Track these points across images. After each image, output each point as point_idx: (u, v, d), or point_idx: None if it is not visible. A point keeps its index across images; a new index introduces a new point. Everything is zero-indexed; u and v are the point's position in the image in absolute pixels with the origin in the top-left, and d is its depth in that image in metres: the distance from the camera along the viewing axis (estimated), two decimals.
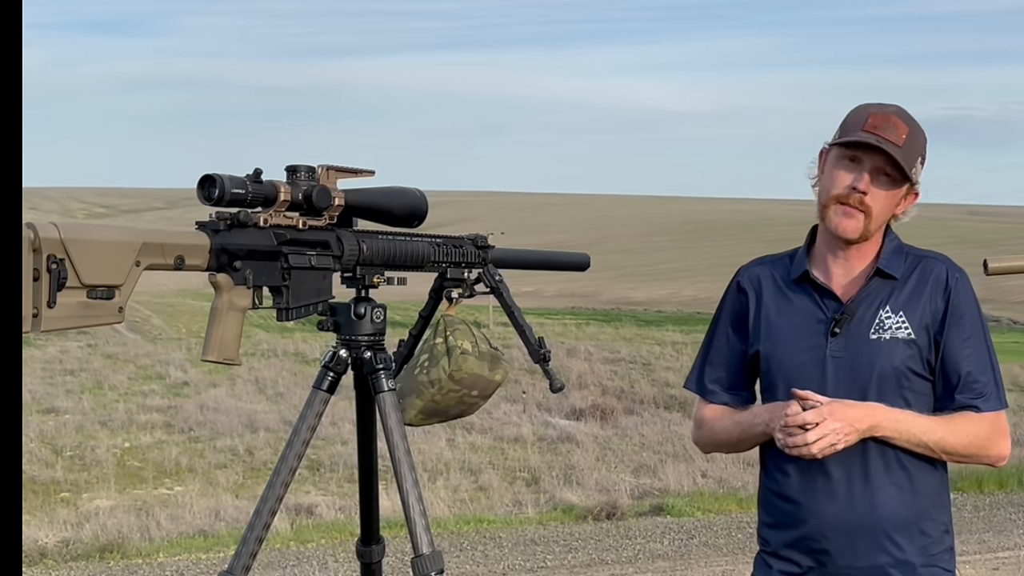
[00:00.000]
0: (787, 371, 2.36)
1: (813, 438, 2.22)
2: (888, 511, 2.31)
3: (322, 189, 2.33)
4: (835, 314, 2.36)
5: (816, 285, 2.40)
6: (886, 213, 2.34)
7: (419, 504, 2.37)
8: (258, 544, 2.39)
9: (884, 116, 2.32)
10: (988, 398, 2.33)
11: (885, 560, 2.32)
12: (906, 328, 2.32)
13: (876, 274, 2.37)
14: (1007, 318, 61.12)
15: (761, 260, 2.54)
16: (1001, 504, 9.63)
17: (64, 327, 1.93)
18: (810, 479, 2.33)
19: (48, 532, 9.06)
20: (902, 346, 2.32)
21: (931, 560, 2.35)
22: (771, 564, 2.44)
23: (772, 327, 2.42)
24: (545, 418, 19.77)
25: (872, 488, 2.31)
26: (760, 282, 2.47)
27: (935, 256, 2.42)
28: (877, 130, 2.30)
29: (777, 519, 2.43)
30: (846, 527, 2.32)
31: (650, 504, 9.94)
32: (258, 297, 2.27)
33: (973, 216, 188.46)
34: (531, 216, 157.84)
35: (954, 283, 2.36)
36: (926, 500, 2.35)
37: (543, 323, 47.49)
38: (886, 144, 2.28)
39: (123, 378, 25.00)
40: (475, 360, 2.56)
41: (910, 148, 2.31)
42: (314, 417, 2.44)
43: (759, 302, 2.45)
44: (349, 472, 13.76)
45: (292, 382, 23.93)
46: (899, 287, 2.36)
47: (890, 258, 2.38)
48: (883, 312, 2.34)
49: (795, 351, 2.37)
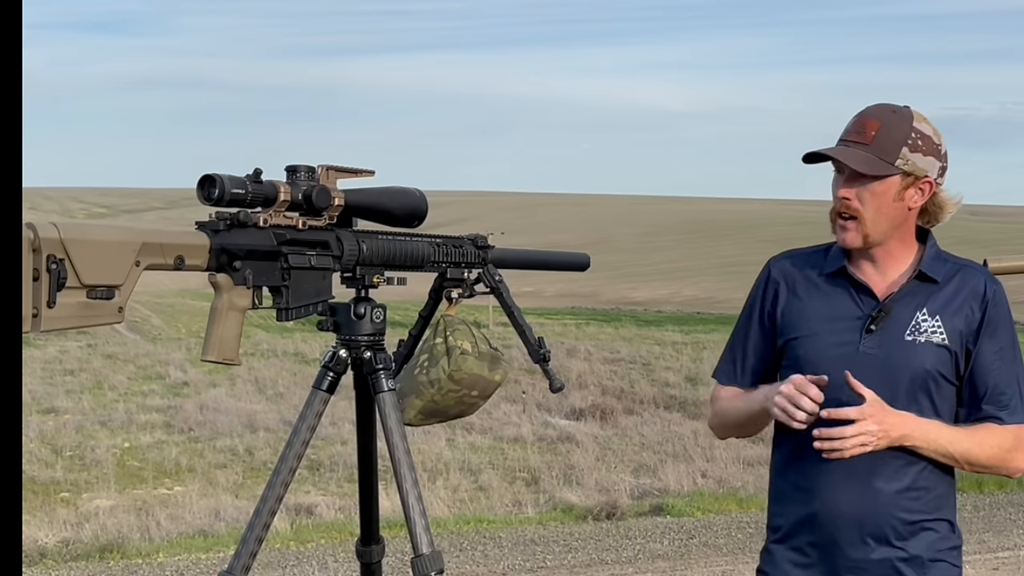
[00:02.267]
0: (816, 364, 2.35)
1: (851, 433, 2.22)
2: (901, 509, 2.32)
3: (322, 189, 2.33)
4: (872, 311, 2.36)
5: (854, 281, 2.39)
6: (884, 213, 2.33)
7: (419, 504, 2.37)
8: (258, 544, 2.39)
9: (858, 120, 2.35)
10: (1013, 411, 2.35)
11: (894, 555, 2.33)
12: (941, 333, 2.33)
13: (917, 276, 2.37)
14: None
15: (792, 253, 2.54)
16: (1001, 504, 9.63)
17: (64, 327, 1.93)
18: (826, 472, 2.33)
19: (48, 532, 9.05)
20: (935, 350, 2.32)
21: (938, 555, 2.36)
22: (777, 553, 2.45)
23: (804, 319, 2.41)
24: (545, 418, 19.76)
25: (888, 484, 2.32)
26: (792, 274, 2.47)
27: (974, 266, 2.43)
28: (846, 135, 2.34)
29: (789, 510, 2.43)
30: (858, 521, 2.33)
31: (650, 504, 9.93)
32: (258, 297, 2.28)
33: (973, 216, 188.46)
34: (531, 216, 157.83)
35: (991, 295, 2.37)
36: (936, 498, 2.37)
37: (543, 323, 47.47)
38: (837, 150, 2.31)
39: (123, 378, 24.99)
40: (475, 360, 2.56)
41: (882, 141, 2.30)
42: (314, 417, 2.44)
43: (791, 294, 2.45)
44: (349, 472, 13.75)
45: (292, 382, 23.92)
46: (937, 291, 2.36)
47: (931, 263, 2.39)
48: (920, 314, 2.34)
49: (827, 345, 2.37)
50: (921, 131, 2.34)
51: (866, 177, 2.31)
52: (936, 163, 2.35)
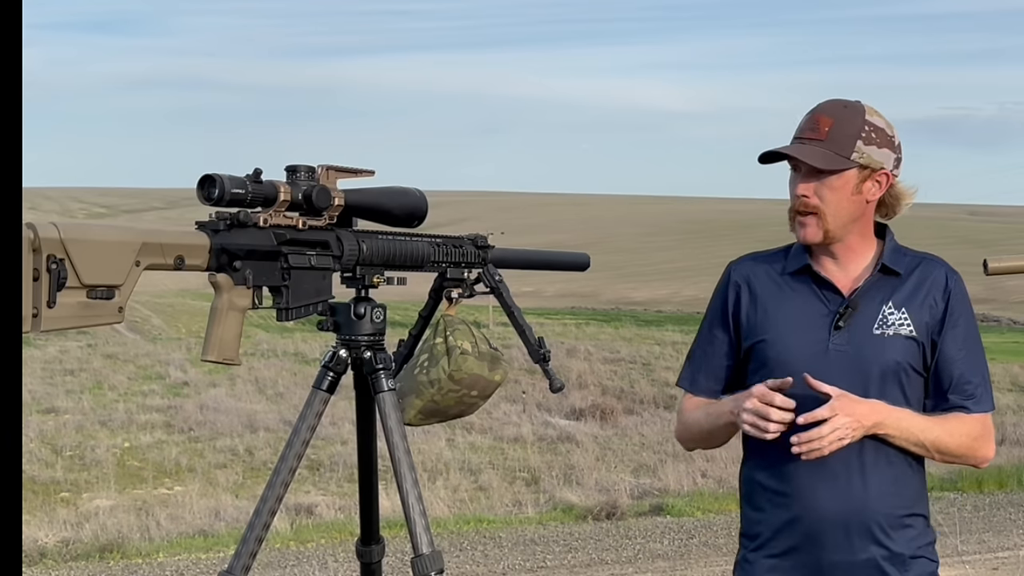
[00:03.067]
0: (787, 363, 2.35)
1: (828, 430, 2.21)
2: (880, 503, 2.33)
3: (322, 189, 2.33)
4: (838, 308, 2.36)
5: (818, 278, 2.40)
6: (843, 207, 2.34)
7: (419, 504, 2.37)
8: (258, 544, 2.39)
9: (811, 117, 2.36)
10: (979, 400, 2.37)
11: (879, 553, 2.33)
12: (908, 325, 2.34)
13: (880, 270, 2.38)
14: (1007, 318, 61.11)
15: (753, 256, 2.54)
16: (1001, 504, 9.63)
17: (64, 327, 1.93)
18: (804, 473, 2.33)
19: (48, 532, 9.06)
20: (904, 342, 2.34)
21: (918, 552, 2.37)
22: (756, 563, 2.42)
23: (771, 320, 2.41)
24: (545, 418, 19.78)
25: (867, 480, 2.32)
26: (755, 276, 2.47)
27: (934, 258, 2.44)
28: (801, 133, 2.35)
29: (767, 512, 2.41)
30: (843, 521, 2.32)
31: (650, 504, 9.93)
32: (258, 297, 2.28)
33: (973, 216, 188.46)
34: (531, 216, 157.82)
35: (953, 285, 2.39)
36: (913, 494, 2.38)
37: (543, 323, 47.48)
38: (793, 147, 2.33)
39: (123, 378, 25.00)
40: (475, 360, 2.56)
41: (837, 135, 2.31)
42: (314, 417, 2.44)
43: (753, 296, 2.45)
44: (349, 472, 13.76)
45: (292, 382, 23.94)
46: (900, 284, 2.38)
47: (892, 256, 2.40)
48: (886, 308, 2.36)
49: (796, 344, 2.37)
50: (874, 124, 2.34)
51: (823, 173, 2.32)
52: (891, 155, 2.36)
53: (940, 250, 2.51)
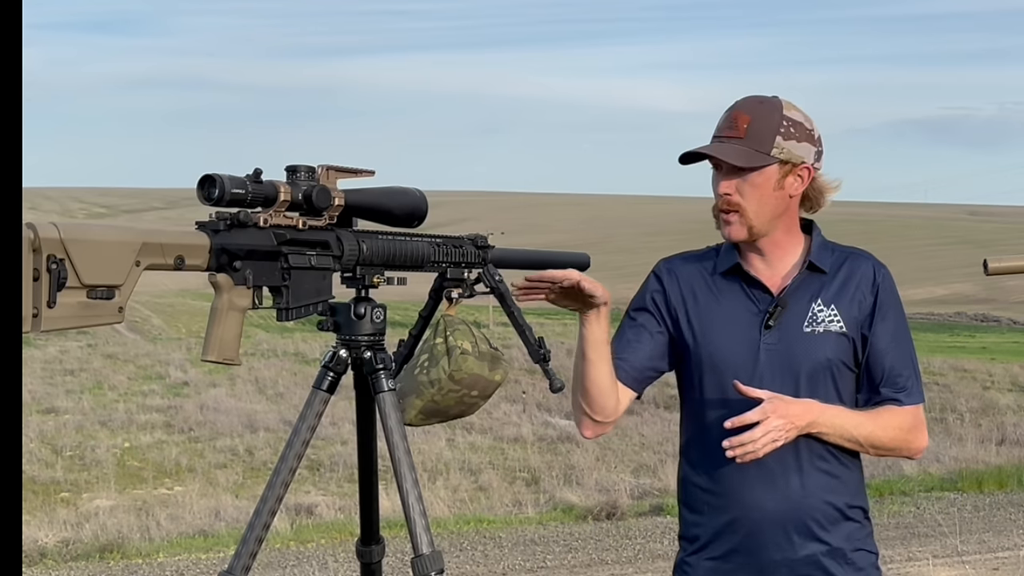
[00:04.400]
0: (718, 363, 2.35)
1: (760, 434, 2.20)
2: (818, 500, 2.33)
3: (322, 189, 2.33)
4: (768, 307, 2.36)
5: (747, 277, 2.39)
6: (766, 204, 2.33)
7: (419, 504, 2.37)
8: (258, 544, 2.39)
9: (728, 116, 2.35)
10: (910, 392, 2.37)
11: (819, 549, 2.33)
12: (838, 321, 2.34)
13: (808, 267, 2.37)
14: (1007, 318, 61.10)
15: (683, 255, 2.54)
16: (1001, 504, 9.63)
17: (64, 327, 1.93)
18: (740, 474, 2.32)
19: (48, 532, 9.05)
20: (835, 339, 2.34)
21: (857, 545, 2.38)
22: (696, 566, 2.42)
23: (701, 321, 2.41)
24: (545, 418, 19.78)
25: (804, 478, 2.32)
26: (683, 277, 2.46)
27: (861, 252, 2.44)
28: (719, 131, 2.34)
29: (706, 515, 2.40)
30: (782, 519, 2.32)
31: (650, 504, 9.94)
32: (258, 297, 2.27)
33: (973, 216, 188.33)
34: (531, 216, 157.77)
35: (881, 279, 2.38)
36: (851, 488, 2.38)
37: (543, 323, 47.45)
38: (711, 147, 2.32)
39: (123, 378, 25.01)
40: (475, 360, 2.56)
41: (756, 132, 2.30)
42: (314, 417, 2.44)
43: (682, 295, 2.44)
44: (349, 472, 13.77)
45: (292, 382, 23.94)
46: (828, 281, 2.37)
47: (819, 252, 2.39)
48: (815, 305, 2.35)
49: (727, 343, 2.36)
50: (792, 118, 2.34)
51: (744, 170, 2.31)
52: (811, 148, 2.35)
53: (940, 250, 2.51)
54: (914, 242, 25.11)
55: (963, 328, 58.36)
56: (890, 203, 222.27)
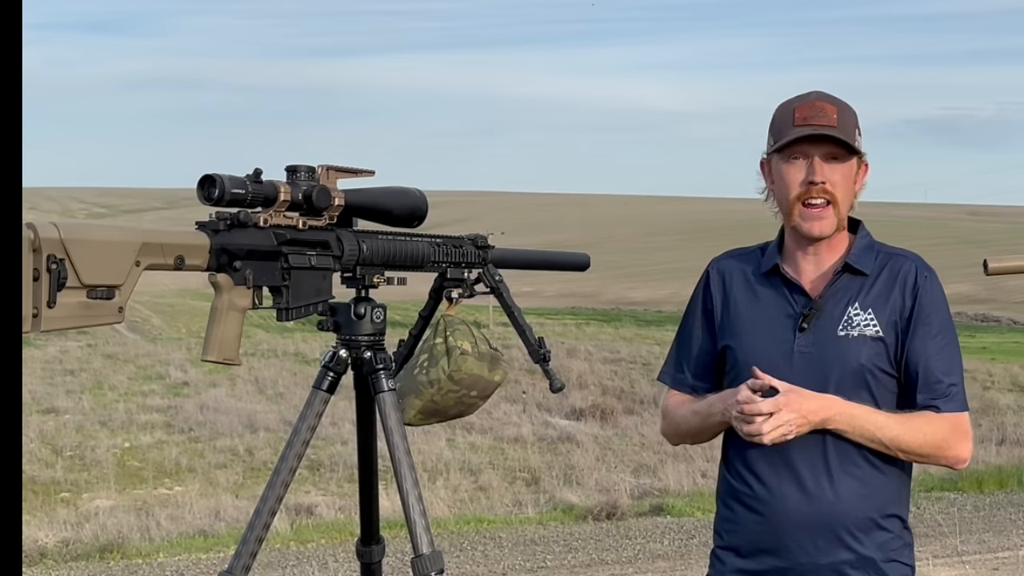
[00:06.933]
0: (753, 365, 2.33)
1: (768, 428, 2.21)
2: (849, 507, 2.30)
3: (322, 189, 2.33)
4: (804, 309, 2.34)
5: (786, 279, 2.38)
6: (848, 195, 2.32)
7: (419, 504, 2.37)
8: (258, 544, 2.39)
9: (809, 105, 2.32)
10: (949, 399, 2.31)
11: (846, 556, 2.31)
12: (874, 325, 2.31)
13: (845, 270, 2.35)
14: (1007, 318, 61.03)
15: (732, 253, 2.53)
16: (1001, 504, 9.63)
17: (64, 327, 1.93)
18: (775, 475, 2.32)
19: (48, 532, 9.05)
20: (869, 343, 2.31)
21: (890, 556, 2.34)
22: (725, 561, 2.43)
23: (741, 321, 2.41)
24: (545, 418, 19.78)
25: (834, 484, 2.30)
26: (731, 275, 2.46)
27: (905, 254, 2.40)
28: (808, 121, 2.29)
29: (738, 514, 2.41)
30: (809, 523, 2.30)
31: (650, 504, 9.94)
32: (258, 297, 2.27)
33: (973, 216, 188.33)
34: (531, 216, 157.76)
35: (923, 282, 2.33)
36: (886, 496, 2.34)
37: (543, 323, 47.49)
38: (826, 130, 2.28)
39: (123, 378, 25.00)
40: (475, 360, 2.56)
41: (845, 124, 2.30)
42: (314, 417, 2.44)
43: (726, 296, 2.44)
44: (349, 472, 13.76)
45: (292, 382, 23.93)
46: (868, 284, 2.34)
47: (860, 254, 2.37)
48: (851, 309, 2.33)
49: (763, 346, 2.36)
50: (856, 115, 2.34)
51: (838, 159, 2.30)
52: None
53: (940, 250, 2.51)
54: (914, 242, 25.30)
55: (963, 328, 58.34)
56: (890, 203, 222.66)
